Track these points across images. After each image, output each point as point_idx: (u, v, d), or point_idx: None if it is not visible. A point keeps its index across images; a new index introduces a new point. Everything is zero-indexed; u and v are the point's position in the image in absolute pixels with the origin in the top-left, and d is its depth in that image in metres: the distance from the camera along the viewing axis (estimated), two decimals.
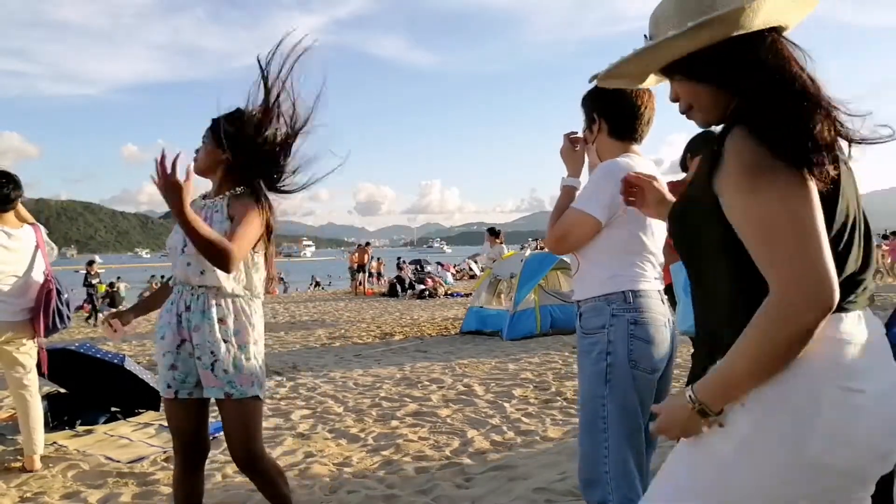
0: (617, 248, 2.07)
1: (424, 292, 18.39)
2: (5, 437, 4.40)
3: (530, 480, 3.41)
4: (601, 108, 2.16)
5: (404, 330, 10.65)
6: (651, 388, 2.04)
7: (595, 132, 2.19)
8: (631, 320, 2.02)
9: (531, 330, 9.02)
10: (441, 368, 6.91)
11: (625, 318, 2.02)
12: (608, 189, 2.00)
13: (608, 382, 2.00)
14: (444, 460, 3.87)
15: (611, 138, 2.16)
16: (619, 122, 2.15)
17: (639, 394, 2.00)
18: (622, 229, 2.06)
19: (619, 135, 2.15)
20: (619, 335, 2.01)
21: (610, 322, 2.03)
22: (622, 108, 2.13)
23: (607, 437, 2.00)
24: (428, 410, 5.09)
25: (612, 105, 2.13)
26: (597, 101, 2.16)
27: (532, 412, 4.92)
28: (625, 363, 1.99)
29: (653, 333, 2.02)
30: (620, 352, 2.00)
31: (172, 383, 2.30)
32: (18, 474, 3.73)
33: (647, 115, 2.15)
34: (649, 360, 2.01)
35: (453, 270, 27.72)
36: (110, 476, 3.67)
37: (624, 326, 2.01)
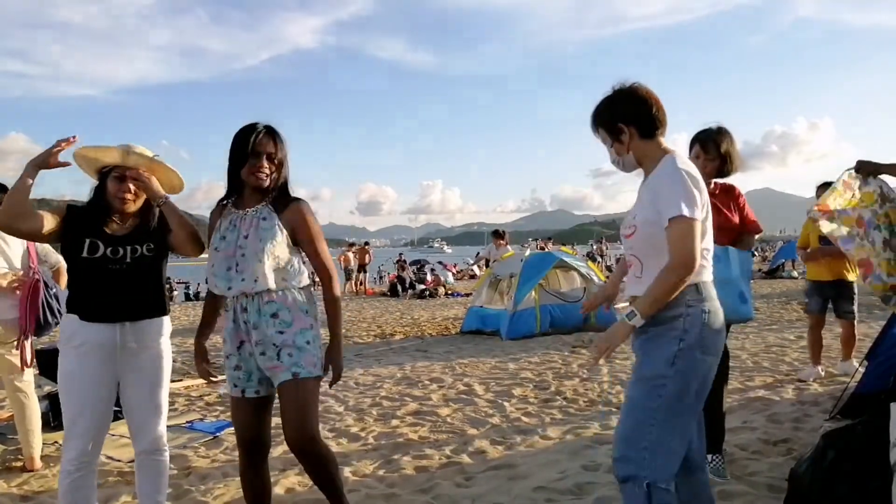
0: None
1: (425, 292, 18.40)
2: (6, 437, 4.42)
3: (530, 479, 3.42)
4: (624, 116, 2.22)
5: (405, 329, 10.66)
6: (713, 371, 2.14)
7: (626, 141, 2.23)
8: (705, 310, 2.11)
9: (531, 329, 9.03)
10: (441, 368, 6.92)
11: (699, 307, 2.10)
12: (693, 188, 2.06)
13: (674, 366, 2.07)
14: (444, 459, 3.88)
15: (643, 140, 2.22)
16: (645, 122, 2.20)
17: (702, 378, 2.11)
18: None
19: (649, 133, 2.21)
20: (694, 323, 2.08)
21: (687, 312, 2.09)
22: (641, 108, 2.20)
23: (656, 417, 2.09)
24: (428, 410, 5.10)
25: (632, 109, 2.21)
26: (616, 112, 2.23)
27: (532, 411, 4.93)
28: (695, 350, 2.08)
29: (721, 321, 2.15)
30: (693, 339, 2.08)
31: (238, 382, 2.49)
32: (19, 473, 3.75)
33: (662, 105, 2.23)
34: (717, 345, 2.14)
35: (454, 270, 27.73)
36: (111, 475, 3.69)
37: (699, 315, 2.09)
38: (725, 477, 3.20)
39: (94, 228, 2.56)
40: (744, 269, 3.14)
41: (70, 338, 2.52)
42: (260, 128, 2.45)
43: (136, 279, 2.60)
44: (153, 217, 2.69)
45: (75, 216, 2.59)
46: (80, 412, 2.49)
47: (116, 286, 2.54)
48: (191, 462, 3.96)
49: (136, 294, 2.60)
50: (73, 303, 2.57)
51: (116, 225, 2.62)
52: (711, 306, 2.12)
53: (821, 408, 4.50)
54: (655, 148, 2.20)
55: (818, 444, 2.69)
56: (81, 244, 2.52)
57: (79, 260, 2.53)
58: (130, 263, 2.58)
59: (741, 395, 5.03)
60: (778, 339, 7.92)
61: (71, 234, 2.55)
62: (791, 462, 3.19)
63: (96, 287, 2.53)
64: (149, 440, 2.64)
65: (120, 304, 2.55)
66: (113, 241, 2.56)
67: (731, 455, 3.53)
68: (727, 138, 3.29)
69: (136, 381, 2.61)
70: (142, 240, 2.62)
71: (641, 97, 2.21)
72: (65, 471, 2.48)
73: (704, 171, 3.36)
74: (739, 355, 6.64)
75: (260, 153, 2.42)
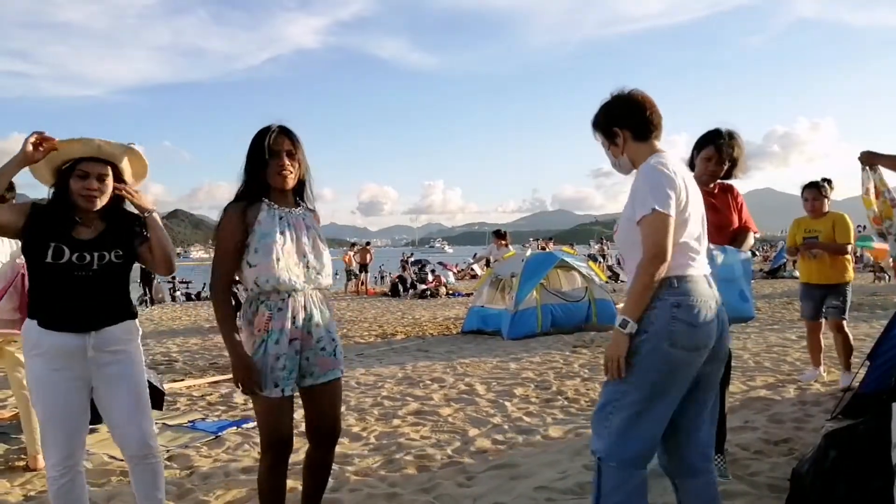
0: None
1: (426, 292, 18.40)
2: (9, 437, 4.42)
3: (531, 479, 3.42)
4: (618, 120, 2.33)
5: (406, 329, 10.67)
6: (690, 365, 2.18)
7: (622, 144, 2.34)
8: (674, 303, 2.15)
9: (532, 329, 9.03)
10: (443, 368, 6.93)
11: (669, 301, 2.16)
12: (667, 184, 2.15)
13: (636, 355, 2.16)
14: (445, 459, 3.88)
15: (637, 142, 2.32)
16: (639, 126, 2.31)
17: (669, 370, 2.16)
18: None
19: (642, 137, 2.31)
20: (662, 317, 2.15)
21: (654, 305, 2.16)
22: (635, 112, 2.31)
23: (621, 402, 2.19)
24: (429, 409, 5.11)
25: (626, 113, 2.32)
26: (611, 117, 2.35)
27: (533, 411, 4.93)
28: (662, 341, 2.14)
29: (695, 315, 2.16)
30: (661, 331, 2.14)
31: (280, 382, 2.42)
32: (22, 473, 3.75)
33: (657, 110, 2.32)
34: (690, 338, 2.15)
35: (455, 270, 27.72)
36: (114, 475, 3.69)
37: (667, 309, 2.15)
38: (727, 477, 3.20)
39: (58, 232, 2.41)
40: (745, 269, 3.15)
41: (35, 345, 2.41)
42: (274, 128, 2.45)
43: (103, 286, 2.48)
44: (123, 221, 2.57)
45: (39, 217, 2.42)
46: (53, 419, 2.41)
47: (81, 294, 2.42)
48: (193, 462, 3.96)
49: (103, 302, 2.49)
50: (35, 309, 2.43)
51: (83, 228, 2.46)
52: (686, 300, 2.16)
53: (822, 408, 4.50)
54: (648, 150, 2.29)
55: (819, 443, 2.69)
56: (45, 248, 2.37)
57: (42, 265, 2.39)
58: (97, 270, 2.44)
59: (743, 395, 5.04)
60: (779, 338, 7.92)
61: (34, 236, 2.40)
62: (793, 462, 3.19)
63: (60, 294, 2.40)
64: (136, 444, 2.54)
65: (85, 312, 2.43)
66: (79, 246, 2.42)
67: (732, 455, 3.53)
68: (738, 143, 3.35)
69: (111, 389, 2.50)
70: (110, 246, 2.48)
71: (635, 102, 2.32)
72: (50, 477, 2.43)
73: (711, 172, 3.37)
74: (741, 355, 6.64)
75: (279, 152, 2.43)
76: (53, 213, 2.44)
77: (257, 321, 2.41)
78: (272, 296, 2.41)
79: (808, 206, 5.40)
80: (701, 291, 2.20)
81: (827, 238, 5.23)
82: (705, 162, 3.36)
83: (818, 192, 5.33)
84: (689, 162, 3.53)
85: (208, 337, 10.32)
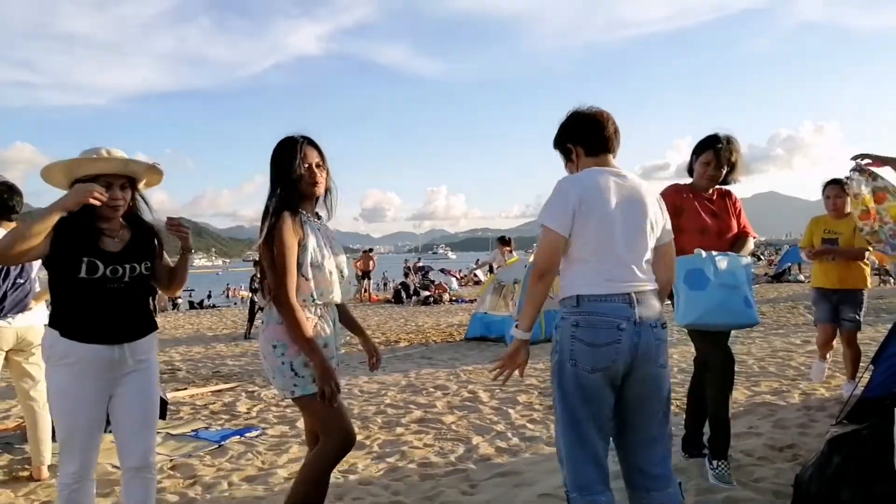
0: (571, 256, 2.25)
1: (429, 298, 18.40)
2: (13, 447, 4.43)
3: (535, 486, 3.42)
4: (571, 137, 2.41)
5: (409, 336, 10.66)
6: (598, 386, 2.17)
7: (576, 160, 2.41)
8: (574, 322, 2.19)
9: (536, 335, 9.00)
10: (446, 375, 6.92)
11: (569, 320, 2.21)
12: (557, 203, 2.23)
13: (554, 377, 2.26)
14: (449, 467, 3.88)
15: (588, 157, 2.37)
16: (589, 142, 2.36)
17: (581, 389, 2.17)
18: (575, 237, 2.22)
19: (592, 152, 2.36)
20: (564, 336, 2.21)
21: (558, 324, 2.26)
22: (586, 129, 2.37)
23: (559, 428, 2.27)
24: (433, 417, 5.10)
25: (579, 130, 2.39)
26: (566, 134, 2.42)
27: (537, 418, 4.92)
28: (565, 361, 2.20)
29: (594, 334, 2.15)
30: (564, 350, 2.20)
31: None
32: (26, 483, 3.76)
33: (611, 127, 2.36)
34: (588, 359, 2.15)
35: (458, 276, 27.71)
36: (117, 484, 3.68)
37: (568, 328, 2.20)
38: (731, 483, 3.19)
39: (87, 245, 2.41)
40: (747, 274, 3.15)
41: (63, 356, 2.40)
42: (300, 139, 2.49)
43: (132, 298, 2.53)
44: (145, 231, 2.60)
45: (66, 233, 2.39)
46: (75, 430, 2.43)
47: (113, 306, 2.45)
48: (196, 471, 3.96)
49: (132, 314, 2.53)
50: (62, 321, 2.42)
51: (108, 239, 2.48)
52: (585, 320, 2.17)
53: (827, 412, 4.48)
54: (595, 165, 2.33)
55: (823, 449, 2.68)
56: (78, 264, 2.37)
57: (75, 280, 2.39)
58: (128, 282, 2.48)
59: (747, 400, 5.02)
60: (784, 343, 7.89)
61: (65, 252, 2.38)
62: (797, 468, 3.18)
63: (92, 307, 2.41)
64: (138, 455, 2.55)
65: (117, 325, 2.46)
66: (111, 259, 2.44)
67: (736, 461, 3.52)
68: (736, 147, 3.39)
69: (126, 399, 2.52)
70: (139, 257, 2.53)
71: (587, 119, 2.37)
72: (63, 484, 2.45)
73: (709, 177, 3.39)
74: (745, 360, 6.62)
75: (310, 163, 2.49)
76: (78, 225, 2.42)
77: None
78: (320, 307, 2.53)
79: (829, 205, 4.94)
80: (607, 311, 2.15)
81: (847, 242, 4.77)
82: (704, 167, 3.39)
83: (841, 190, 4.76)
84: (689, 167, 3.54)
85: (211, 345, 10.33)
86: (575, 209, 2.18)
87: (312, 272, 2.45)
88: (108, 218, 2.48)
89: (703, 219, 3.37)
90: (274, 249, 2.36)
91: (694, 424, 3.67)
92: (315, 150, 2.52)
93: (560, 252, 2.22)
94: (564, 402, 2.22)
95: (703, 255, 3.07)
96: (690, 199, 3.41)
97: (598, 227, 2.19)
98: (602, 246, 2.20)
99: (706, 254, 3.07)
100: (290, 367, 2.42)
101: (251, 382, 6.89)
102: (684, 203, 3.39)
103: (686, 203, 3.39)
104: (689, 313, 3.06)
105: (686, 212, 3.37)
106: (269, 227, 2.38)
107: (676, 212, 3.38)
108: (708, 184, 3.42)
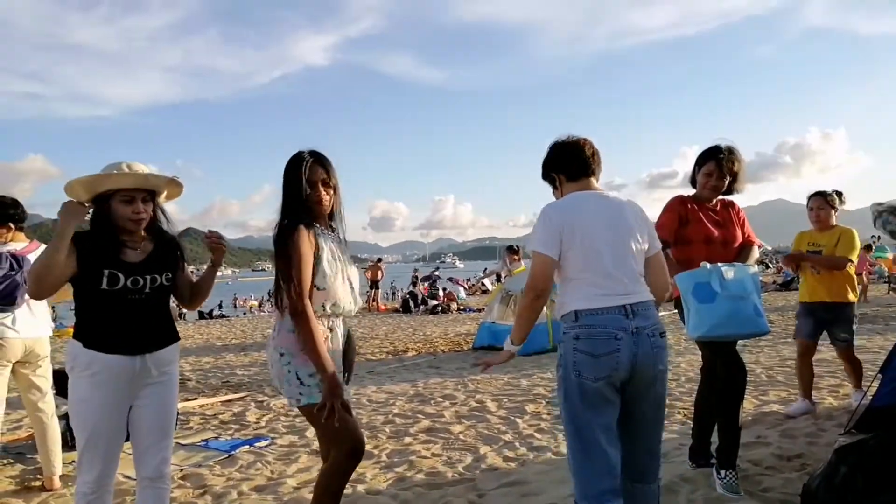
0: (565, 275, 2.41)
1: (437, 308, 18.41)
2: (25, 457, 4.47)
3: (543, 496, 3.42)
4: (554, 166, 2.59)
5: (417, 346, 10.68)
6: (602, 394, 2.28)
7: (560, 187, 2.59)
8: (574, 336, 2.32)
9: (543, 345, 9.01)
10: (454, 384, 6.93)
11: (570, 334, 2.34)
12: (543, 229, 2.39)
13: (560, 389, 2.38)
14: (456, 476, 3.89)
15: (570, 183, 2.55)
16: (571, 169, 2.54)
17: (586, 399, 2.29)
18: (565, 258, 2.38)
19: (574, 178, 2.54)
20: (567, 349, 2.34)
21: (561, 339, 2.39)
22: (567, 157, 2.55)
23: (568, 444, 2.38)
24: (441, 427, 5.11)
25: (560, 159, 2.57)
26: (549, 165, 2.61)
27: (545, 428, 4.92)
28: (570, 372, 2.32)
29: (595, 346, 2.28)
30: (568, 363, 2.33)
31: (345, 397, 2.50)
32: (38, 493, 3.80)
33: (588, 151, 2.53)
34: (591, 369, 2.28)
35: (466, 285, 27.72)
36: (128, 494, 3.72)
37: (570, 341, 2.33)
38: (739, 493, 3.19)
39: (108, 257, 2.45)
40: (755, 284, 3.16)
41: (86, 366, 2.44)
42: (307, 157, 2.52)
43: (154, 309, 2.56)
44: (167, 242, 2.64)
45: (87, 246, 2.44)
46: (95, 440, 2.46)
47: (134, 317, 2.49)
48: (206, 481, 3.99)
49: (154, 325, 2.56)
50: (85, 332, 2.47)
51: (130, 250, 2.52)
52: (585, 332, 2.30)
53: (835, 422, 4.47)
54: (577, 189, 2.51)
55: (830, 459, 2.69)
56: (99, 276, 2.42)
57: (97, 292, 2.43)
58: (149, 293, 2.52)
59: (755, 410, 5.01)
60: (793, 352, 7.81)
61: (87, 266, 2.43)
62: (805, 477, 3.18)
63: (113, 318, 2.45)
64: (154, 466, 2.58)
65: (138, 336, 2.50)
66: (132, 270, 2.48)
67: (744, 471, 3.52)
68: (738, 158, 3.42)
69: (148, 407, 2.56)
70: (160, 268, 2.56)
71: (567, 148, 2.55)
72: (80, 493, 2.47)
73: (712, 187, 3.42)
74: (754, 369, 6.60)
75: (315, 182, 2.52)
76: (100, 237, 2.47)
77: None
78: (331, 318, 2.56)
79: (812, 217, 4.97)
80: (605, 322, 2.29)
81: (830, 254, 4.75)
82: (706, 177, 3.42)
83: (824, 201, 4.86)
84: (691, 178, 3.57)
85: (220, 355, 10.38)
86: (561, 232, 2.35)
87: (326, 283, 2.49)
88: (131, 231, 2.53)
89: (709, 229, 3.39)
90: (292, 260, 2.39)
91: (701, 434, 3.67)
92: (321, 167, 2.54)
93: (552, 273, 2.38)
94: (571, 413, 2.32)
95: (709, 267, 3.08)
96: (695, 209, 3.43)
97: (584, 247, 2.35)
98: (591, 263, 2.35)
99: (712, 266, 3.09)
100: (295, 376, 2.44)
101: (260, 392, 6.92)
102: (689, 214, 3.41)
103: (691, 214, 3.41)
104: (700, 326, 3.07)
105: (691, 222, 3.39)
106: (284, 239, 2.42)
107: (682, 222, 3.40)
108: (711, 194, 3.45)
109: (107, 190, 2.47)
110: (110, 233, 2.49)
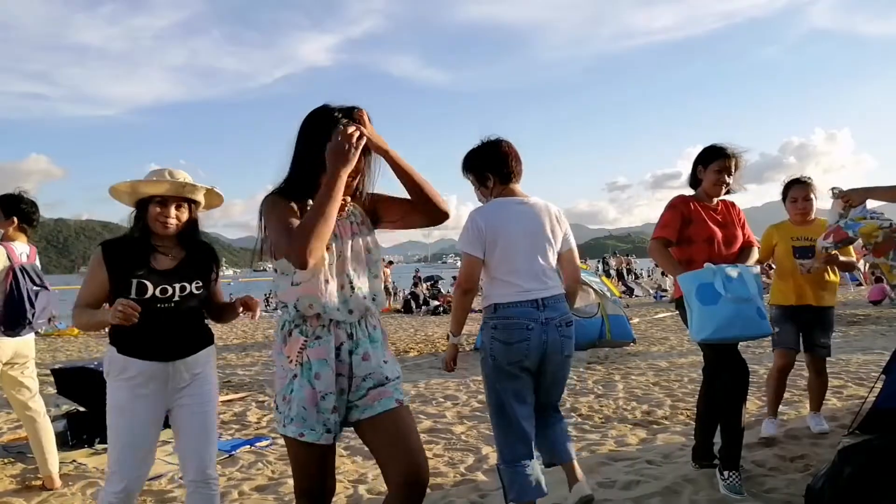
0: (488, 273, 2.77)
1: (439, 308, 18.40)
2: (26, 456, 4.46)
3: (545, 497, 3.40)
4: (490, 166, 2.82)
5: (419, 346, 10.67)
6: (515, 376, 2.72)
7: (491, 187, 2.83)
8: (492, 326, 2.72)
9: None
10: (455, 385, 6.92)
11: (489, 324, 2.75)
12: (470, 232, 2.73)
13: (482, 371, 2.82)
14: (458, 477, 3.88)
15: (501, 185, 2.82)
16: (502, 171, 2.81)
17: (502, 380, 2.73)
18: (489, 259, 2.73)
19: (504, 180, 2.82)
20: (486, 337, 2.76)
21: (482, 328, 2.82)
22: (502, 160, 2.81)
23: (491, 414, 2.85)
24: (443, 427, 5.11)
25: (496, 161, 2.82)
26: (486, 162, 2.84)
27: None
28: (488, 356, 2.75)
29: (509, 334, 2.67)
30: (486, 348, 2.76)
31: (333, 428, 2.05)
32: (39, 492, 3.79)
33: (513, 154, 2.83)
34: (505, 355, 2.69)
35: None
36: (148, 495, 3.71)
37: (489, 331, 2.74)
38: (742, 494, 3.17)
39: (138, 264, 2.46)
40: (758, 285, 3.15)
41: (122, 370, 2.44)
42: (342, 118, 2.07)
43: (185, 316, 2.55)
44: (201, 251, 2.62)
45: (116, 255, 2.46)
46: (128, 445, 2.43)
47: (164, 325, 2.48)
48: None
49: (185, 332, 2.55)
50: (118, 338, 2.47)
51: (161, 256, 2.51)
52: (501, 323, 2.69)
53: (839, 423, 4.45)
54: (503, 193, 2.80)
55: (834, 460, 2.67)
56: (128, 285, 2.43)
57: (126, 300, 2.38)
58: (179, 301, 2.51)
59: (759, 411, 4.99)
60: None
61: (116, 275, 2.44)
62: (808, 478, 3.16)
63: (146, 327, 2.39)
64: (194, 471, 2.53)
65: (169, 343, 2.49)
66: (161, 277, 2.47)
67: (748, 472, 3.50)
68: (741, 161, 3.45)
69: (183, 413, 2.53)
70: (190, 276, 2.54)
71: (503, 152, 2.82)
72: (106, 501, 2.43)
73: (720, 186, 3.40)
74: (757, 370, 6.57)
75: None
76: (131, 243, 2.50)
77: (289, 347, 2.05)
78: (312, 321, 2.04)
79: (797, 208, 4.13)
80: (518, 314, 2.67)
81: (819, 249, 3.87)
82: (717, 174, 3.38)
83: (809, 191, 4.12)
84: (691, 179, 3.54)
85: (221, 355, 10.37)
86: (485, 235, 2.69)
87: (301, 277, 2.01)
88: (160, 235, 2.52)
89: (711, 228, 3.37)
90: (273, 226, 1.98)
91: (704, 434, 3.65)
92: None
93: (478, 271, 2.74)
94: (491, 390, 2.78)
95: (713, 268, 3.07)
96: (698, 209, 3.41)
97: (504, 248, 2.69)
98: (509, 263, 2.70)
99: (716, 267, 3.07)
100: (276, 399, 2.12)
101: (261, 392, 6.91)
102: (692, 213, 3.39)
103: (694, 213, 3.39)
104: (704, 329, 3.06)
105: (695, 222, 3.37)
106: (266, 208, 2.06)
107: (685, 222, 3.38)
108: (720, 191, 3.43)
109: (145, 194, 2.49)
110: (145, 236, 2.50)
